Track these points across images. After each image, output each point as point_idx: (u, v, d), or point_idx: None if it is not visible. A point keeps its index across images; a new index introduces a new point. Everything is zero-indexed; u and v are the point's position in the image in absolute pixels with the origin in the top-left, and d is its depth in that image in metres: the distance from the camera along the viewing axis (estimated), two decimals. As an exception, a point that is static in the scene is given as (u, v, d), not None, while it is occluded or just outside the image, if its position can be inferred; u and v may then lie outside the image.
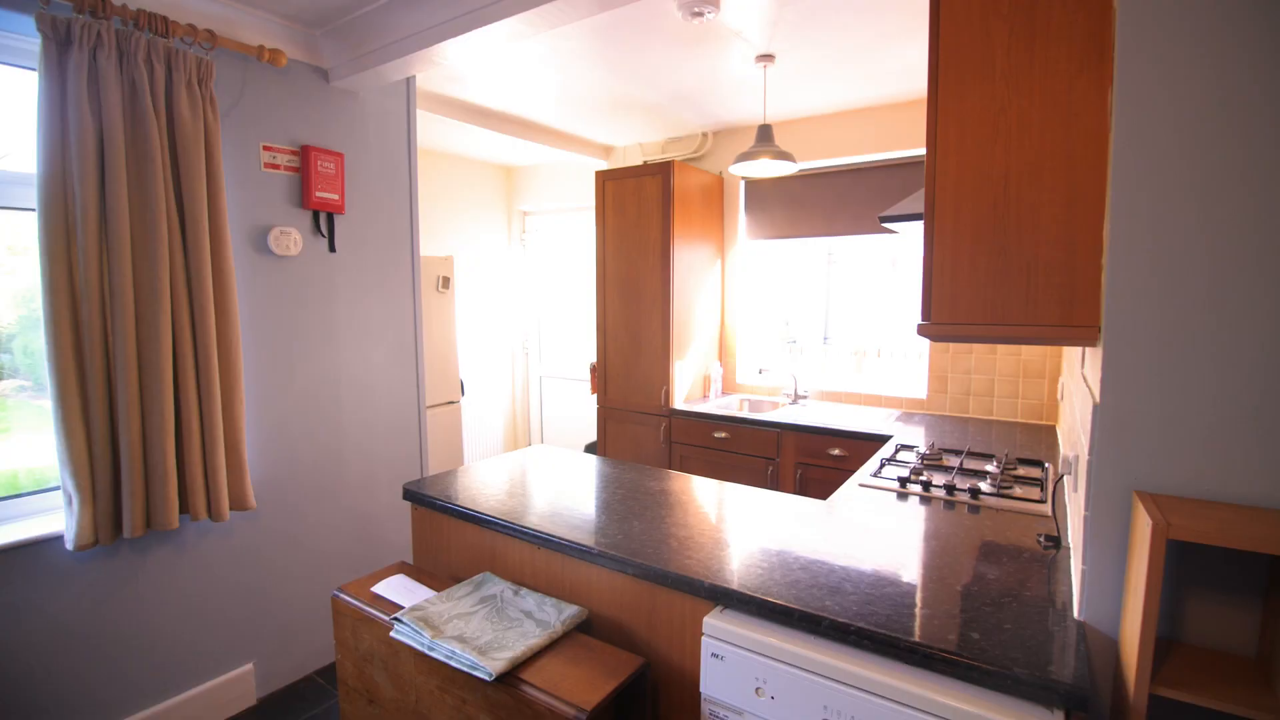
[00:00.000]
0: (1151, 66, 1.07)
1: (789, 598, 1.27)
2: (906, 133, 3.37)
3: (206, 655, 2.27)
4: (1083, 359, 1.68)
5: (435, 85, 3.14)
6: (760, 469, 3.26)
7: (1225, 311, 1.05)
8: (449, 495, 1.92)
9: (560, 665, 1.35)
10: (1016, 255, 1.28)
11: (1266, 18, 0.99)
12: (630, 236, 3.72)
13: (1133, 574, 1.09)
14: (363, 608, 1.61)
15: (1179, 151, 1.06)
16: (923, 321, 1.40)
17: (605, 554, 1.50)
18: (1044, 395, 3.06)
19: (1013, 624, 1.19)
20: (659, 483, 2.04)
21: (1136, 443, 1.13)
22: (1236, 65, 1.01)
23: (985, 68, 1.30)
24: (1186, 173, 1.06)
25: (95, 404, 1.87)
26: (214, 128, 2.07)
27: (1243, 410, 1.04)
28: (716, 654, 1.27)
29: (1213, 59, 1.03)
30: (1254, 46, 1.00)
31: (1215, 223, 1.04)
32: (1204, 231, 1.05)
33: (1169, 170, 1.07)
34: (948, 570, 1.41)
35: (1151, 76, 1.07)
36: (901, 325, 3.62)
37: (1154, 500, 1.08)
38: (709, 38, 2.54)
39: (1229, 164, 1.03)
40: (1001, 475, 2.04)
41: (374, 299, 2.73)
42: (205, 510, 2.08)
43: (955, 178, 1.34)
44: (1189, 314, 1.07)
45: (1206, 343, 1.06)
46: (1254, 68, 1.00)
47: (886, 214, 2.14)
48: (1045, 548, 1.55)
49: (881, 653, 1.16)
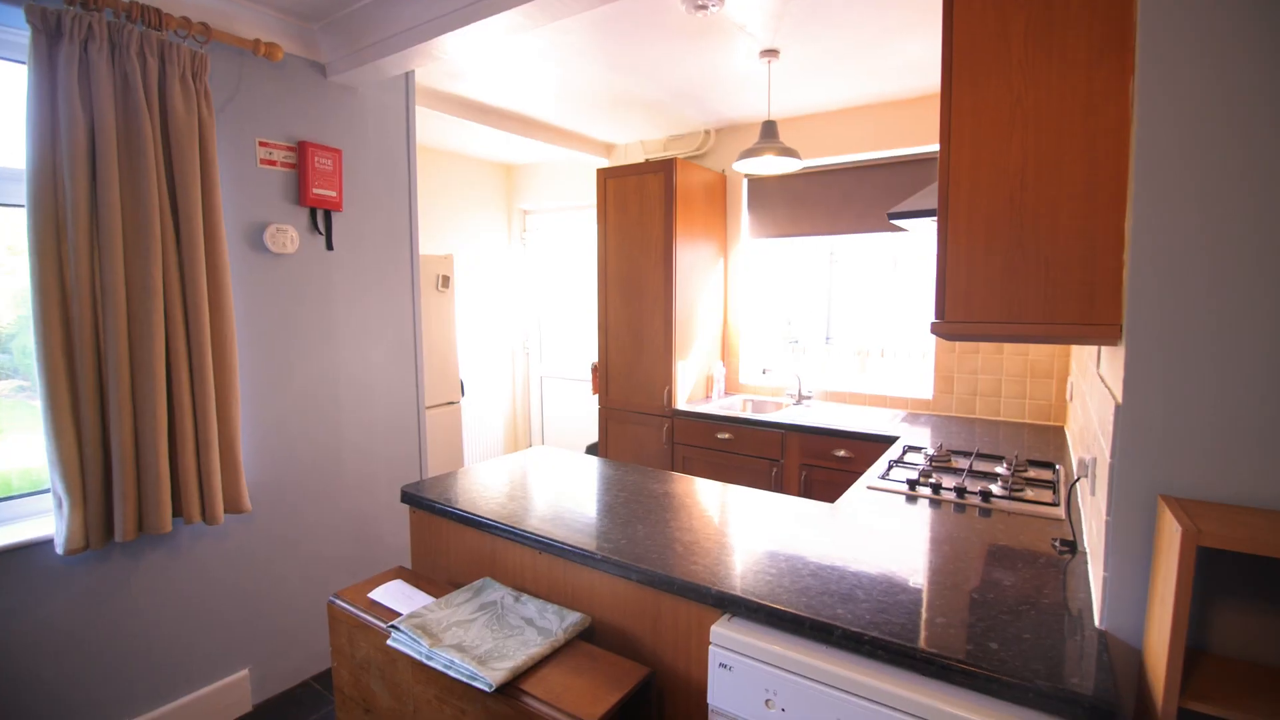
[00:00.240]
0: (1176, 53, 1.03)
1: (799, 605, 1.23)
2: (910, 130, 3.32)
3: (201, 661, 2.23)
4: (1098, 358, 1.63)
5: (434, 81, 3.10)
6: (764, 470, 3.22)
7: (1255, 309, 1.00)
8: (448, 498, 1.88)
9: (562, 675, 1.30)
10: (1034, 251, 1.24)
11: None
12: (632, 235, 3.67)
13: (1159, 582, 1.05)
14: (359, 615, 1.57)
15: (1205, 142, 1.02)
16: (936, 320, 1.36)
17: (609, 559, 1.46)
18: (1052, 396, 3.01)
19: (1032, 633, 1.14)
20: (662, 485, 1.99)
21: (1161, 445, 1.09)
22: (1273, 47, 0.97)
23: (1001, 58, 1.25)
24: (1214, 164, 1.02)
25: (86, 404, 1.83)
26: (208, 122, 2.03)
27: (1274, 411, 1.00)
28: (724, 664, 1.23)
29: (1244, 42, 0.98)
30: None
31: (1246, 214, 1.00)
32: (1234, 223, 1.01)
33: (1195, 161, 1.03)
34: (962, 576, 1.37)
35: (1177, 64, 1.03)
36: (905, 325, 3.58)
37: (1180, 505, 1.04)
38: (712, 32, 2.50)
39: (1259, 153, 0.98)
40: (1012, 477, 2.00)
41: (372, 298, 2.68)
42: (199, 513, 2.04)
43: (970, 171, 1.30)
44: (1216, 311, 1.03)
45: (1234, 341, 1.02)
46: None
47: (895, 210, 2.10)
48: (1060, 552, 1.51)
49: (896, 663, 1.12)
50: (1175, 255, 1.05)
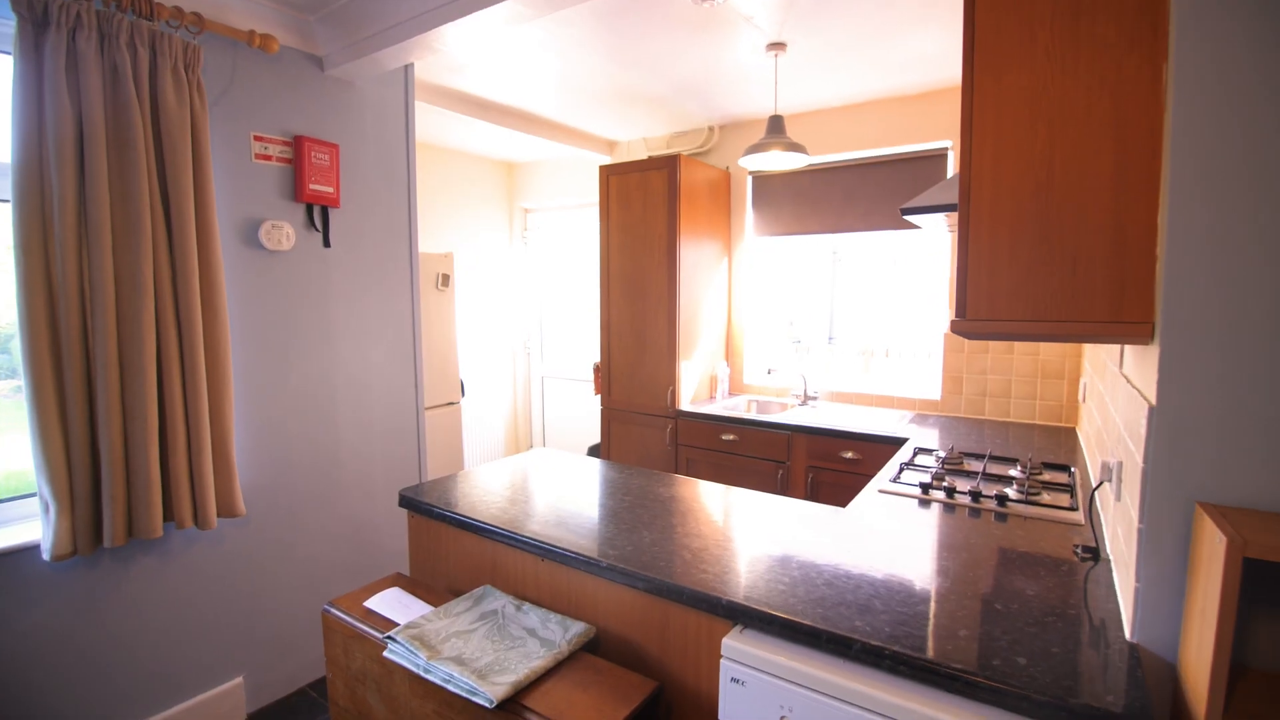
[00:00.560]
0: (1213, 38, 0.97)
1: (815, 617, 1.17)
2: (917, 126, 3.27)
3: (193, 669, 2.17)
4: (1120, 357, 1.58)
5: (434, 76, 3.04)
6: (770, 473, 3.16)
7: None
8: (447, 502, 1.82)
9: (567, 689, 1.25)
10: (1060, 245, 1.18)
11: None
12: (635, 232, 3.62)
13: (1197, 594, 0.99)
14: (355, 624, 1.51)
15: (1246, 130, 0.96)
16: (956, 318, 1.30)
17: (614, 567, 1.40)
18: (1063, 397, 2.95)
19: (1060, 647, 1.09)
20: (668, 489, 1.94)
21: (1199, 450, 1.03)
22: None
23: (1026, 44, 1.20)
24: (1255, 152, 0.96)
25: (74, 406, 1.77)
26: (201, 115, 1.97)
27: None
28: (737, 679, 1.17)
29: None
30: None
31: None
32: (1276, 215, 0.95)
33: (1232, 151, 0.97)
34: (983, 585, 1.31)
35: (1213, 50, 0.97)
36: (911, 324, 3.52)
37: (1221, 513, 0.98)
38: (718, 24, 2.44)
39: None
40: (1028, 481, 1.95)
41: (371, 296, 2.63)
42: (191, 518, 1.98)
43: (992, 163, 1.24)
44: (1258, 307, 0.97)
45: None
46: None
47: (909, 205, 2.04)
48: (1082, 559, 1.45)
49: (919, 679, 1.06)
50: (1213, 249, 0.99)
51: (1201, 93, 0.99)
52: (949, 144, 3.21)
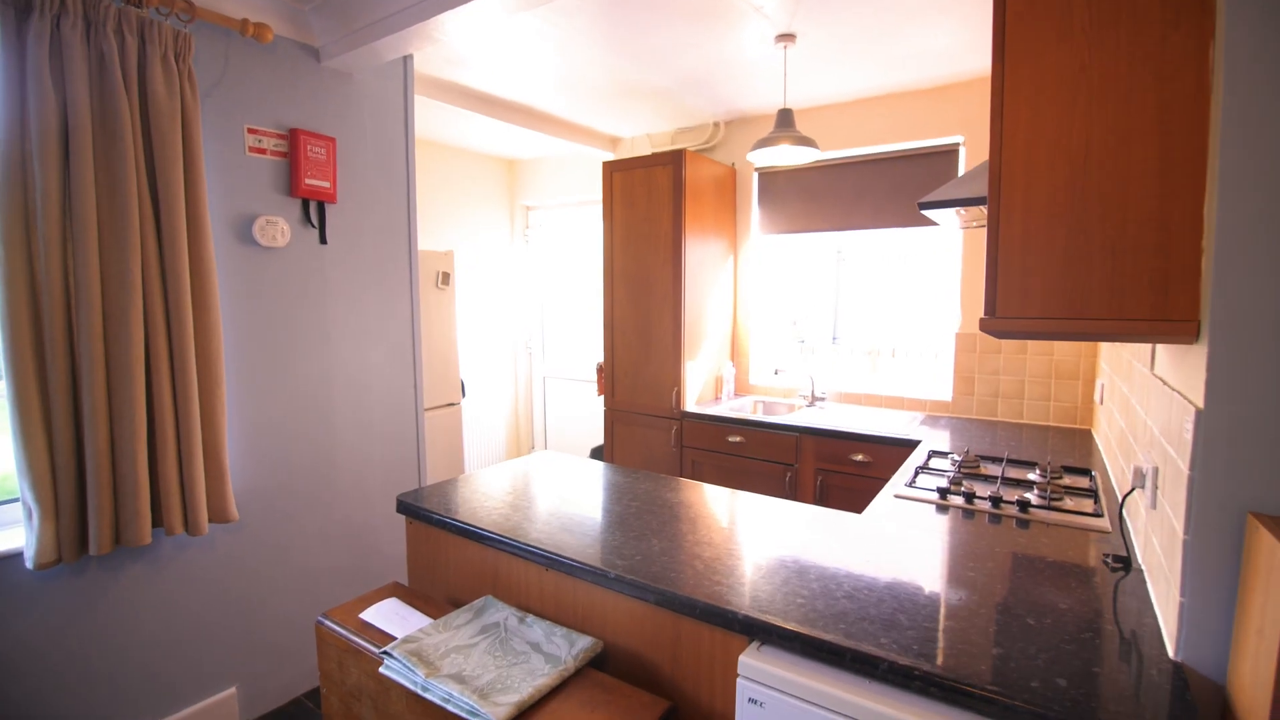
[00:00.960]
0: (1266, 9, 0.90)
1: (838, 633, 1.10)
2: (928, 121, 3.19)
3: (185, 679, 2.09)
4: (1152, 358, 1.50)
5: (434, 69, 2.97)
6: (778, 475, 3.09)
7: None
8: (447, 508, 1.75)
9: (573, 710, 1.17)
10: (1099, 237, 1.11)
11: None
12: (639, 230, 3.54)
13: (1252, 611, 0.92)
14: (350, 638, 1.44)
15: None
16: (986, 316, 1.23)
17: (623, 578, 1.33)
18: (1078, 398, 2.88)
19: (1100, 666, 1.02)
20: (676, 494, 1.87)
21: (1252, 456, 0.96)
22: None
23: (1063, 21, 1.12)
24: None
25: (58, 407, 1.70)
26: (192, 106, 1.90)
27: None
28: (754, 699, 1.10)
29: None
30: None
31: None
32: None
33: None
34: (1012, 597, 1.24)
35: (1267, 23, 0.90)
36: (919, 324, 3.45)
37: (1278, 524, 0.91)
38: (724, 13, 2.37)
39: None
40: (1049, 485, 1.87)
41: (369, 295, 2.56)
42: (181, 524, 1.91)
43: (1025, 151, 1.17)
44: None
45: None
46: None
47: (927, 199, 1.96)
48: (1113, 569, 1.38)
49: (951, 701, 0.99)
50: (1275, 238, 0.92)
51: (1254, 69, 0.92)
52: (960, 139, 3.13)
